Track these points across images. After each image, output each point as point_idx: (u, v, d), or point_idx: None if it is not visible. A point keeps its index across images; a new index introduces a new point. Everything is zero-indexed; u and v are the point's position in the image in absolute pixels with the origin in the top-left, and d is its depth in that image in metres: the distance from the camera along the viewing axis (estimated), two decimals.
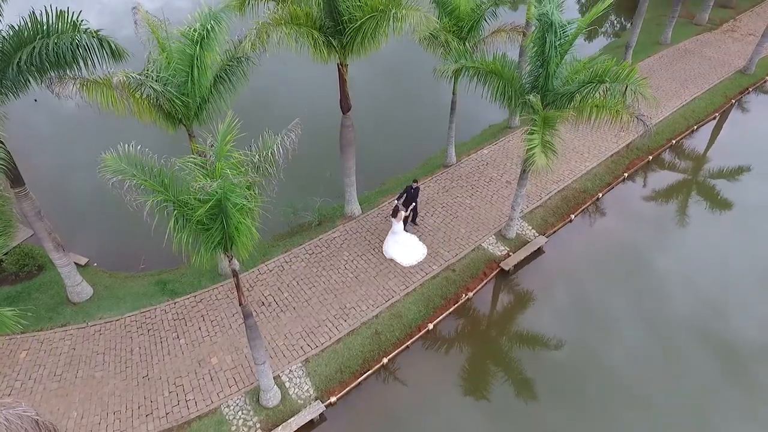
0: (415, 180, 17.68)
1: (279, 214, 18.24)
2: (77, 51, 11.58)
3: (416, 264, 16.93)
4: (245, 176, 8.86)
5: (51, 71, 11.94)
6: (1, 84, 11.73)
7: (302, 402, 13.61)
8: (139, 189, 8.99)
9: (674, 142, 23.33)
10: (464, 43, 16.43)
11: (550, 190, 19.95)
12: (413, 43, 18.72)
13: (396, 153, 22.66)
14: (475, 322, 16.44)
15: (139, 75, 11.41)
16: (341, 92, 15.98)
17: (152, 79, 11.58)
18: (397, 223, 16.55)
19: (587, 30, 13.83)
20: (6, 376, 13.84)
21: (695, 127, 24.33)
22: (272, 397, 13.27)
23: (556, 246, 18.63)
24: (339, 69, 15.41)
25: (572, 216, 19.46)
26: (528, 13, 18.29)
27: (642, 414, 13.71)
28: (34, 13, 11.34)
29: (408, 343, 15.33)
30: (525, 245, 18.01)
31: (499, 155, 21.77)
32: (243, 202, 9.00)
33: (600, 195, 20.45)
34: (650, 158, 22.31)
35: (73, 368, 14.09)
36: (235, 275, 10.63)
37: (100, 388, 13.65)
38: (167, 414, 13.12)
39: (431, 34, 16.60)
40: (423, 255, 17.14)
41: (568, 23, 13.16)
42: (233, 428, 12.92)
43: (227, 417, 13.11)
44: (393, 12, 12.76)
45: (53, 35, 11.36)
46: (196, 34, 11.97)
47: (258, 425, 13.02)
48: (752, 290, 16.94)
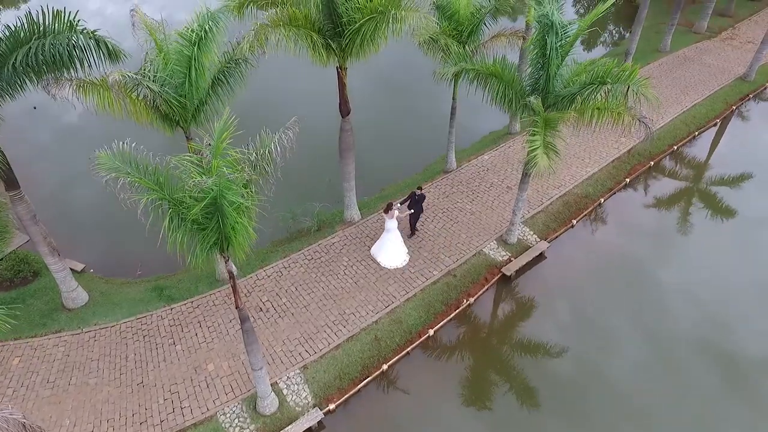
0: (420, 187, 17.27)
1: (278, 220, 18.10)
2: (73, 51, 11.46)
3: (392, 268, 16.69)
4: (242, 173, 8.67)
5: (47, 73, 11.82)
6: None
7: (300, 409, 13.31)
8: (134, 187, 8.80)
9: (675, 148, 23.21)
10: (464, 47, 16.35)
11: (552, 195, 19.77)
12: (413, 50, 18.74)
13: (396, 159, 22.53)
14: (477, 328, 16.17)
15: (136, 74, 11.27)
16: (340, 96, 15.88)
17: (149, 79, 11.45)
18: (390, 221, 16.36)
19: (587, 33, 13.70)
20: None
21: (696, 133, 24.22)
22: (269, 405, 12.97)
23: (558, 251, 18.41)
24: (338, 72, 15.32)
25: (574, 221, 19.26)
26: (528, 17, 18.27)
27: (643, 425, 13.38)
28: (30, 14, 11.24)
29: (408, 350, 15.05)
30: (526, 250, 17.79)
31: (500, 161, 21.63)
32: (239, 201, 8.82)
33: (602, 200, 20.27)
34: (652, 164, 22.16)
35: (67, 375, 13.81)
36: (232, 277, 10.41)
37: (94, 396, 13.36)
38: (162, 422, 12.81)
39: (431, 38, 16.54)
40: (404, 262, 16.88)
41: (569, 24, 13.07)
42: None
43: (223, 425, 12.80)
44: (392, 13, 12.68)
45: (49, 35, 11.25)
46: (194, 35, 11.90)
47: None
48: (755, 295, 16.68)
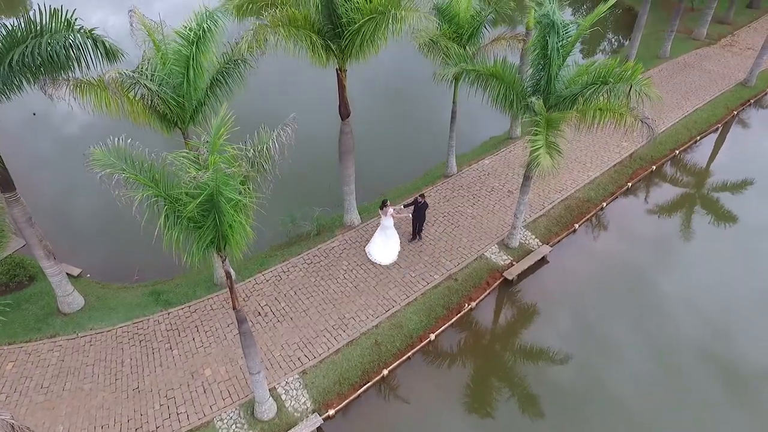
0: (422, 194, 16.97)
1: (277, 224, 17.92)
2: (70, 51, 11.34)
3: (381, 264, 16.81)
4: (239, 167, 8.50)
5: (45, 75, 11.69)
6: None
7: (299, 415, 13.03)
8: (128, 184, 8.62)
9: (677, 153, 23.08)
10: (465, 49, 16.27)
11: (553, 200, 19.60)
12: (413, 55, 18.67)
13: (396, 163, 22.39)
14: (478, 333, 15.91)
15: (133, 72, 11.15)
16: (340, 98, 15.76)
17: (147, 78, 11.32)
18: (384, 218, 16.37)
19: (588, 33, 13.60)
20: None
21: (698, 138, 24.11)
22: (267, 410, 12.70)
23: (561, 256, 18.20)
24: (338, 74, 15.23)
25: (576, 225, 19.07)
26: (528, 20, 18.26)
27: None
28: (28, 13, 11.14)
29: (409, 354, 14.79)
30: (528, 254, 17.58)
31: (501, 165, 21.48)
32: (237, 198, 8.64)
33: (604, 204, 20.09)
34: (654, 168, 22.02)
35: (61, 380, 13.54)
36: (229, 277, 10.20)
37: (88, 401, 13.08)
38: (158, 428, 12.52)
39: (431, 40, 16.48)
40: (393, 259, 16.92)
41: (570, 24, 12.98)
42: None
43: (220, 431, 12.51)
44: (392, 13, 12.58)
45: (46, 34, 11.14)
46: (192, 34, 11.79)
47: None
48: (758, 300, 16.45)
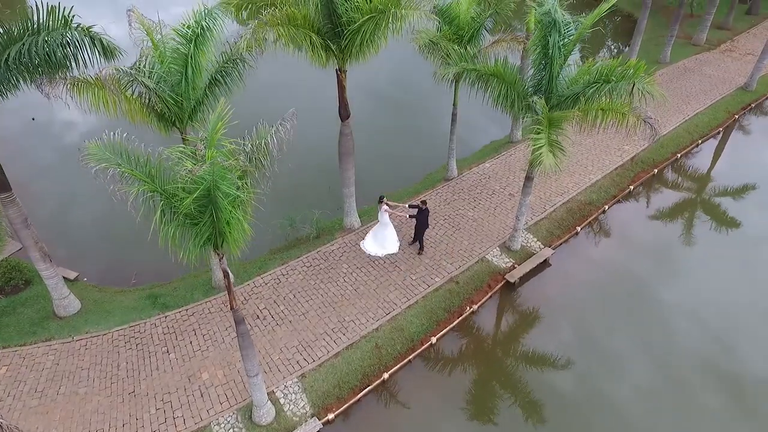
0: (424, 201, 16.55)
1: (276, 227, 17.75)
2: (68, 48, 11.25)
3: (372, 254, 17.06)
4: (237, 160, 8.34)
5: (41, 74, 11.58)
6: None
7: (298, 419, 12.77)
8: (124, 178, 8.46)
9: (679, 156, 22.97)
10: (465, 49, 16.18)
11: (555, 202, 19.44)
12: (413, 58, 18.65)
13: (396, 167, 22.27)
14: (480, 336, 15.66)
15: (131, 68, 11.03)
16: (340, 99, 15.66)
17: (144, 75, 11.20)
18: (381, 214, 16.48)
19: (588, 38, 13.50)
20: None
21: (700, 142, 24.02)
22: (265, 414, 12.43)
23: (563, 258, 18.00)
24: (338, 75, 15.14)
25: (578, 228, 18.89)
26: (528, 20, 18.20)
27: None
28: (24, 10, 11.05)
29: (410, 358, 14.54)
30: (530, 257, 17.38)
31: (502, 168, 21.35)
32: (234, 193, 8.48)
33: (606, 207, 19.92)
34: (655, 171, 21.88)
35: (56, 384, 13.29)
36: (226, 276, 10.01)
37: (83, 405, 12.82)
38: None
39: (431, 41, 16.41)
40: (382, 252, 17.11)
41: (572, 21, 12.89)
42: None
43: None
44: (392, 11, 12.50)
45: (43, 32, 11.04)
46: (191, 32, 11.70)
47: None
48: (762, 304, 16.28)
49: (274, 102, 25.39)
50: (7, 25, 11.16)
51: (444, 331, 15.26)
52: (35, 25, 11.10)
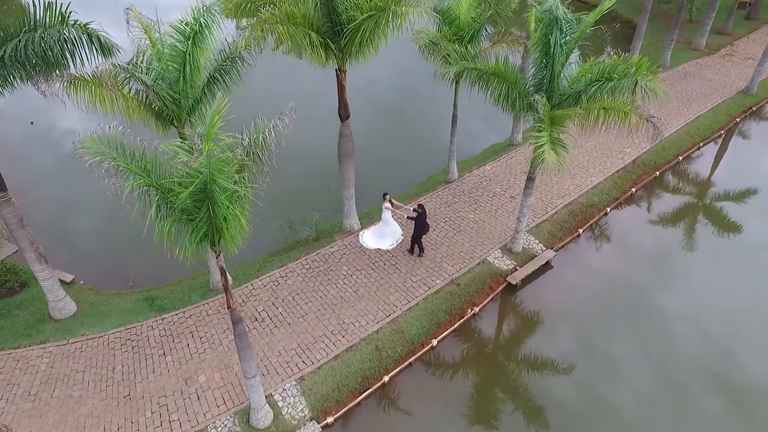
0: (420, 205, 16.35)
1: (275, 230, 17.58)
2: (64, 45, 11.12)
3: (368, 246, 17.22)
4: (234, 153, 8.18)
5: (38, 72, 11.45)
6: None
7: (296, 422, 12.51)
8: (119, 172, 8.30)
9: (681, 159, 22.84)
10: (466, 48, 16.08)
11: (556, 205, 19.27)
12: (413, 60, 18.57)
13: (396, 169, 22.12)
14: (482, 338, 15.44)
15: (128, 64, 10.90)
16: (339, 99, 15.54)
17: (141, 72, 11.07)
18: (384, 211, 16.56)
19: (587, 42, 13.43)
20: None
21: (701, 144, 23.90)
22: (263, 417, 12.18)
23: (565, 260, 17.80)
24: (337, 75, 15.03)
25: (580, 230, 18.72)
26: (528, 23, 18.09)
27: None
28: (21, 6, 10.96)
29: (410, 360, 14.31)
30: (532, 259, 17.19)
31: (502, 171, 21.21)
32: (232, 187, 8.31)
33: (608, 209, 19.76)
34: (657, 174, 21.74)
35: (50, 387, 13.04)
36: (224, 274, 9.81)
37: (78, 409, 12.57)
38: None
39: (432, 42, 16.32)
40: (379, 246, 17.21)
41: (574, 19, 12.80)
42: None
43: None
44: (392, 9, 12.41)
45: (40, 28, 10.93)
46: (189, 29, 11.60)
47: None
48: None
49: (275, 102, 25.35)
50: (3, 22, 11.06)
51: (445, 334, 15.04)
52: (32, 22, 11.01)
